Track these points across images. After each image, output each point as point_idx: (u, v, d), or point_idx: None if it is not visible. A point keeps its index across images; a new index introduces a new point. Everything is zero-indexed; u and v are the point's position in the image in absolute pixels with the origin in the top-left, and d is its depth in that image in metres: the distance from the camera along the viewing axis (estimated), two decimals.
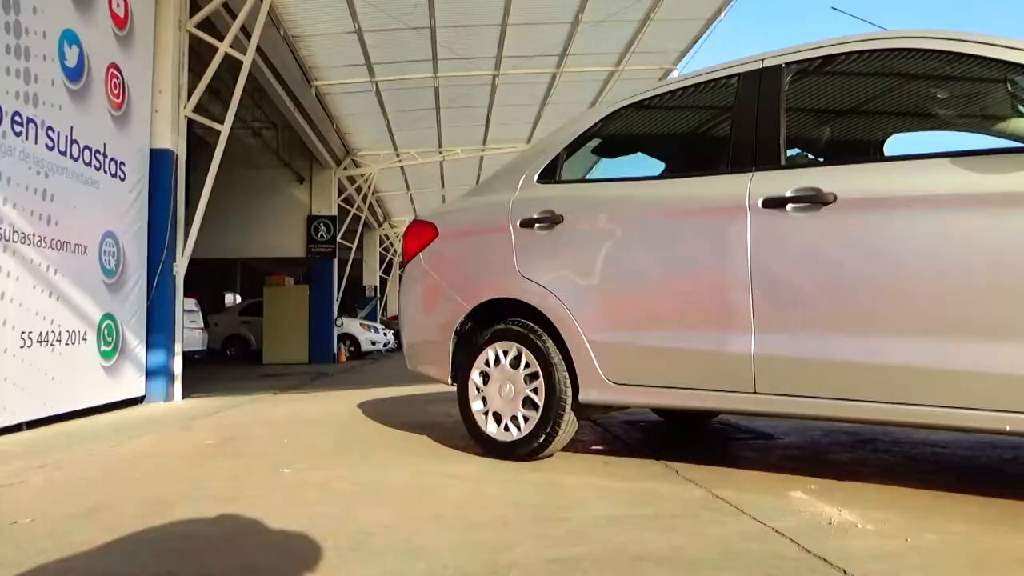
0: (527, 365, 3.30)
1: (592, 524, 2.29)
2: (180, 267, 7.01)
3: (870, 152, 3.32)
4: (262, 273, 17.15)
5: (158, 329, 6.70)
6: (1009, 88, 2.58)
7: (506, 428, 3.33)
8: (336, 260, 16.63)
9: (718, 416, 4.32)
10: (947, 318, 2.33)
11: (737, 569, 1.86)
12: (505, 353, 3.39)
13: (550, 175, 3.50)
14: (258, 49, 8.53)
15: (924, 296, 2.38)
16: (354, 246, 19.07)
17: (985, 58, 2.44)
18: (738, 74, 3.01)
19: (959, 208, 2.34)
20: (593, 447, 3.68)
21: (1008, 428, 2.23)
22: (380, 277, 27.03)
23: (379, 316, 25.53)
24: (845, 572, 1.80)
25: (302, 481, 3.03)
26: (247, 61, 7.73)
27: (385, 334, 20.40)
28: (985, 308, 2.27)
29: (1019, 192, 2.23)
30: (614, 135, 3.61)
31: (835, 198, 2.55)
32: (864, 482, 2.78)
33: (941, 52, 2.55)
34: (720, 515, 2.36)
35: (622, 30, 10.69)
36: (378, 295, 26.43)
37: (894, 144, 3.24)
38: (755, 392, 2.69)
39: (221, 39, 7.56)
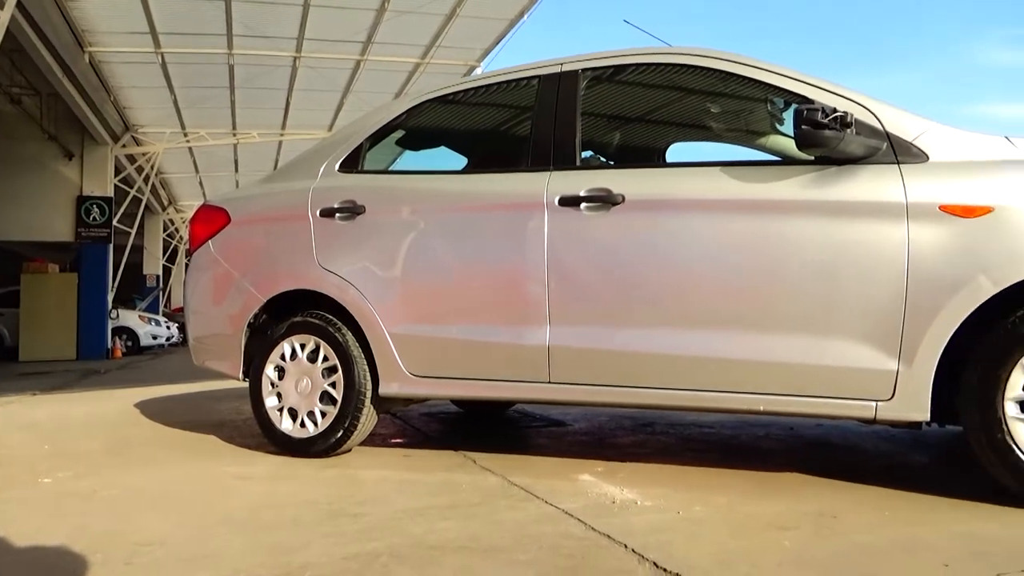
0: (325, 359, 3.20)
1: (390, 518, 2.27)
2: None
3: (655, 158, 3.59)
4: (20, 259, 15.09)
5: None
6: (769, 108, 2.91)
7: (302, 424, 3.21)
8: (112, 246, 15.03)
9: (514, 405, 4.48)
10: (716, 312, 2.59)
11: (530, 551, 1.93)
12: (302, 346, 3.26)
13: (352, 164, 3.42)
14: (19, 4, 7.49)
15: (698, 292, 2.62)
16: (133, 231, 17.37)
17: (751, 79, 2.73)
18: (539, 76, 3.12)
19: (727, 212, 2.60)
20: (392, 440, 3.65)
21: (762, 408, 2.53)
22: (163, 265, 24.92)
23: (161, 308, 23.53)
24: (626, 546, 1.94)
25: (66, 491, 2.72)
26: (4, 16, 6.77)
27: (168, 327, 18.89)
28: (746, 303, 2.55)
29: (776, 200, 2.53)
30: (419, 127, 3.60)
31: (623, 199, 2.73)
32: (644, 462, 3.01)
33: (715, 70, 2.81)
34: (515, 501, 2.45)
35: (428, 22, 10.71)
36: (161, 285, 24.35)
37: (675, 151, 3.54)
38: (549, 382, 2.81)
39: None
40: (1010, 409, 2.19)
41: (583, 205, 2.78)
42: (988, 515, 2.15)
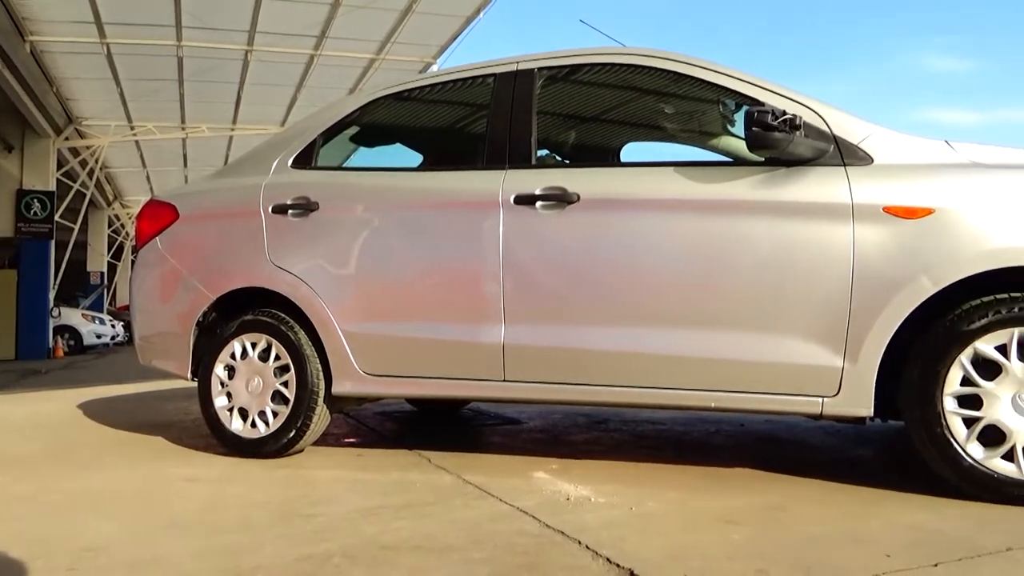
0: (277, 358, 3.15)
1: (343, 518, 2.25)
2: None
3: (610, 157, 3.62)
4: None
5: None
6: (721, 109, 2.96)
7: (253, 424, 3.15)
8: (54, 242, 14.52)
9: (469, 404, 4.47)
10: (669, 310, 2.62)
11: (484, 549, 1.93)
12: (253, 345, 3.20)
13: (306, 160, 3.37)
14: None
15: (651, 290, 2.65)
16: (77, 227, 16.83)
17: (703, 80, 2.77)
18: (495, 74, 3.12)
19: (680, 212, 2.64)
20: (346, 440, 3.62)
21: (713, 405, 2.57)
22: (109, 262, 24.20)
23: (106, 306, 22.84)
24: (580, 542, 1.95)
25: (4, 496, 2.62)
26: None
27: (113, 326, 18.35)
28: (698, 301, 2.59)
29: (727, 200, 2.57)
30: (374, 124, 3.57)
31: (579, 198, 2.75)
32: (598, 459, 3.04)
33: (668, 71, 2.85)
34: (469, 499, 2.44)
35: (384, 18, 10.61)
36: (105, 283, 23.65)
37: (630, 151, 3.57)
38: (504, 380, 2.82)
39: None
40: (948, 404, 2.27)
41: (538, 204, 2.79)
42: (928, 506, 2.22)
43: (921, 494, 2.33)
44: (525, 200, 2.81)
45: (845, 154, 2.48)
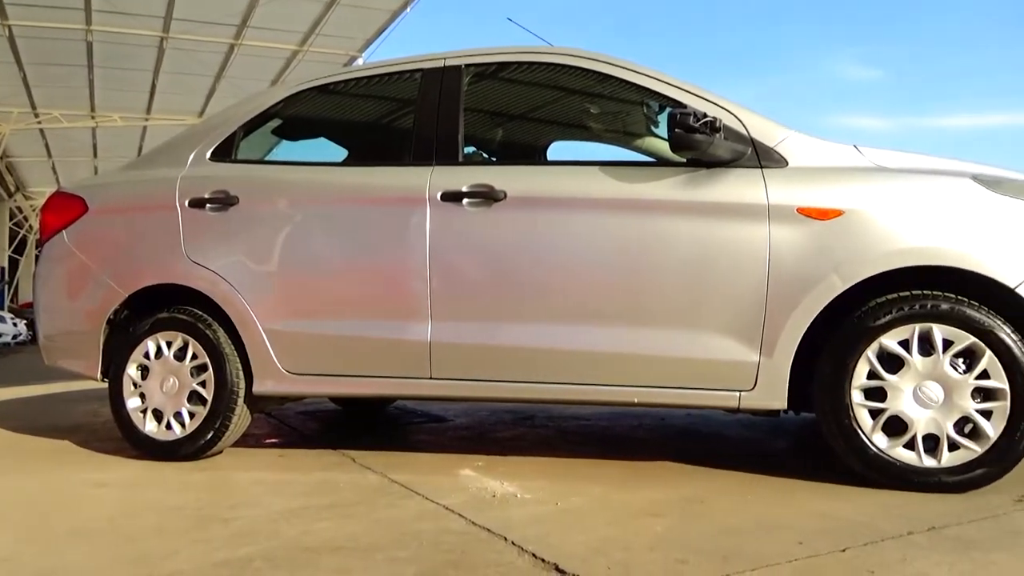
0: (194, 356, 3.04)
1: (264, 521, 2.19)
2: None
3: (537, 155, 3.65)
4: None
5: None
6: (645, 111, 3.02)
7: (168, 426, 3.03)
8: None
9: (395, 402, 4.43)
10: (593, 307, 2.66)
11: (409, 548, 1.92)
12: (169, 344, 3.08)
13: (225, 153, 3.26)
14: None
15: (575, 288, 2.69)
16: None
17: (627, 82, 2.82)
18: (422, 70, 3.09)
19: (605, 211, 2.68)
20: (267, 440, 3.53)
21: (636, 400, 2.63)
22: (10, 257, 22.89)
23: (7, 303, 21.60)
24: (506, 539, 1.96)
25: None
26: None
27: (15, 324, 17.41)
28: (621, 298, 2.64)
29: (650, 199, 2.63)
30: (297, 117, 3.49)
31: (505, 195, 2.75)
32: (523, 456, 3.06)
33: (594, 72, 2.89)
34: (395, 499, 2.42)
35: (308, 9, 10.40)
36: (7, 279, 22.36)
37: (557, 150, 3.60)
38: (431, 378, 2.80)
39: None
40: (856, 396, 2.38)
41: (465, 201, 2.79)
42: (837, 495, 2.32)
43: (831, 483, 2.43)
44: (452, 197, 2.80)
45: (762, 157, 2.57)
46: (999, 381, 2.28)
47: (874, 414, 2.38)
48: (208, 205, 3.11)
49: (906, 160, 2.56)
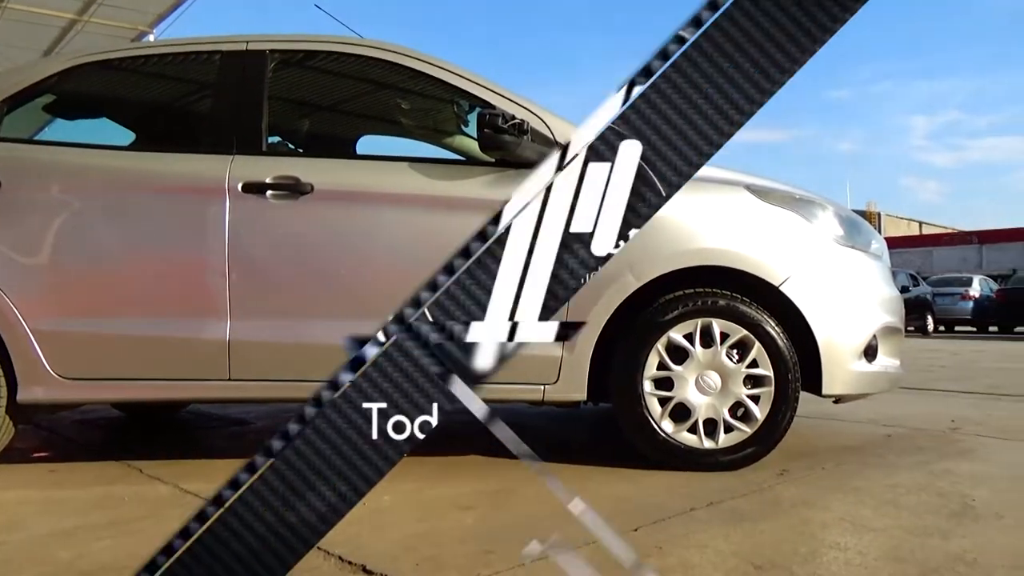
0: None
1: (30, 545, 1.95)
2: None
3: (346, 149, 3.56)
4: None
5: None
6: (455, 109, 3.05)
7: None
8: None
9: (189, 406, 4.13)
10: (400, 304, 2.64)
11: None
12: None
13: None
14: None
15: (382, 284, 2.64)
16: None
17: (437, 79, 2.83)
18: (221, 51, 2.90)
19: (414, 207, 2.67)
20: (35, 454, 3.14)
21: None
22: None
23: None
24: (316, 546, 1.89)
25: None
26: None
27: None
28: None
29: (458, 197, 2.65)
30: (75, 93, 3.14)
31: (312, 188, 2.66)
32: None
33: (404, 67, 2.86)
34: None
35: None
36: None
37: (366, 144, 3.54)
38: (229, 379, 2.64)
39: None
40: (647, 386, 2.57)
41: (269, 193, 2.66)
42: (628, 478, 2.50)
43: (625, 468, 2.61)
44: (254, 188, 2.66)
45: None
46: (766, 369, 2.56)
47: (662, 402, 2.58)
48: None
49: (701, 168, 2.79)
